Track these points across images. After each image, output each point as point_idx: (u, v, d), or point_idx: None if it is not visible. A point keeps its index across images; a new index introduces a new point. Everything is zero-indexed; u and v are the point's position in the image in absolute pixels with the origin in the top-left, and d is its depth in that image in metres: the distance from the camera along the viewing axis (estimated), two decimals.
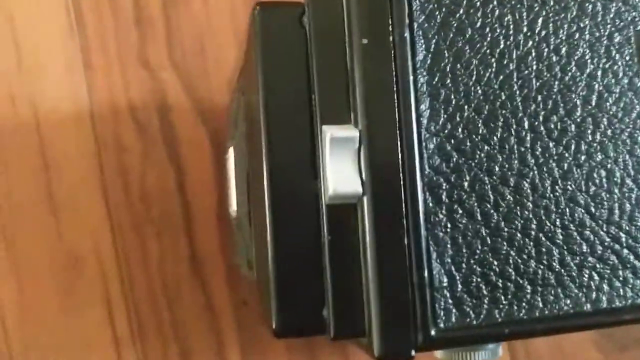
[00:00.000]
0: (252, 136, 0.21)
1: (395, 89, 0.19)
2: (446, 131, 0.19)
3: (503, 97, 0.19)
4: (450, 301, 0.19)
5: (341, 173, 0.18)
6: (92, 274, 0.32)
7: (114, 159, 0.32)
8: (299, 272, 0.19)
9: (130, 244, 0.32)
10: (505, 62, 0.20)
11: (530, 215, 0.19)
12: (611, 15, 0.20)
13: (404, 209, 0.18)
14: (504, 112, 0.19)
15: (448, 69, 0.19)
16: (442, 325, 0.19)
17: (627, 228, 0.20)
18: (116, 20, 0.33)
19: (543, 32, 0.20)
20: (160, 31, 0.33)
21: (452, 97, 0.19)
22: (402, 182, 0.18)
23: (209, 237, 0.32)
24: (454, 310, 0.19)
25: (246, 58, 0.23)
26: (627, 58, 0.20)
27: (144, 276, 0.32)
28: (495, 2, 0.20)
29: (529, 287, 0.19)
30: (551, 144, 0.20)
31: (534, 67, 0.20)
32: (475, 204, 0.19)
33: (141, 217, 0.32)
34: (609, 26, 0.20)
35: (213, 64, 0.33)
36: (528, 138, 0.20)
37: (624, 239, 0.20)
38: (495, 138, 0.19)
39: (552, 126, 0.20)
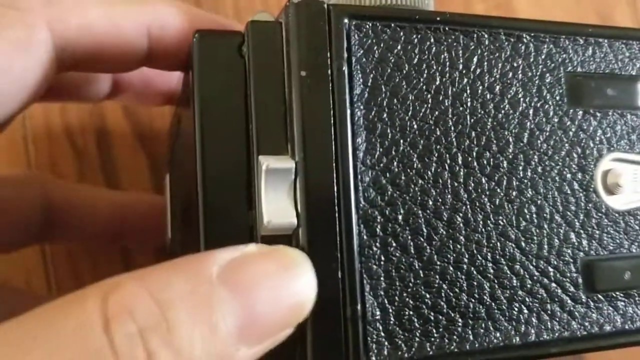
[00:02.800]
0: (187, 164, 0.21)
1: (332, 121, 0.19)
2: (382, 165, 0.19)
3: (438, 133, 0.20)
4: (382, 334, 0.19)
5: (276, 204, 0.18)
6: None
7: None
8: None
9: (64, 272, 0.31)
10: (440, 98, 0.20)
11: (463, 249, 0.20)
12: (543, 56, 0.21)
13: (338, 242, 0.18)
14: (438, 147, 0.20)
15: (385, 104, 0.19)
16: (374, 358, 0.19)
17: (555, 262, 0.21)
18: None
19: (478, 70, 0.20)
20: None
21: (388, 131, 0.19)
22: (337, 215, 0.18)
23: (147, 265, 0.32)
24: (386, 344, 0.19)
25: (184, 85, 0.23)
26: (558, 98, 0.21)
27: None
28: (432, 40, 0.20)
29: (460, 320, 0.19)
30: (484, 180, 0.20)
31: (469, 104, 0.20)
32: (409, 237, 0.19)
33: (76, 245, 0.31)
34: (540, 66, 0.21)
35: None
36: (461, 173, 0.20)
37: (552, 273, 0.21)
38: (429, 172, 0.20)
39: (485, 162, 0.20)
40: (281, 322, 0.17)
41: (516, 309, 0.20)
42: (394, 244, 0.19)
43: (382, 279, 0.19)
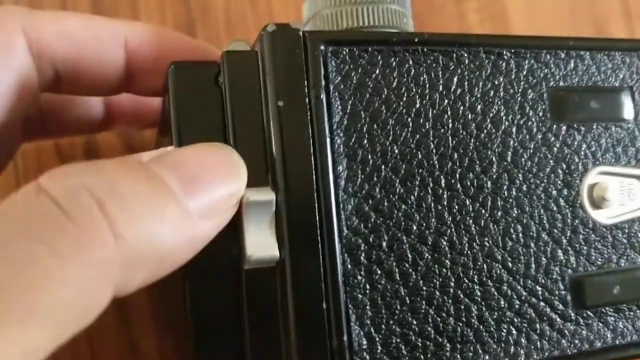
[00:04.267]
0: None
1: (312, 150, 0.18)
2: (364, 192, 0.19)
3: (420, 156, 0.20)
4: None
5: (258, 237, 0.18)
6: None
7: None
8: (218, 337, 0.19)
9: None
10: (421, 121, 0.20)
11: (449, 273, 0.20)
12: (524, 73, 0.21)
13: (322, 272, 0.18)
14: (420, 170, 0.20)
15: (365, 130, 0.19)
16: None
17: (543, 281, 0.20)
18: None
19: (459, 91, 0.20)
20: None
21: (369, 157, 0.19)
22: (320, 245, 0.18)
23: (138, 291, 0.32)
24: None
25: (162, 111, 0.23)
26: (541, 114, 0.21)
27: None
28: (410, 62, 0.20)
29: (448, 345, 0.19)
30: (468, 201, 0.20)
31: (450, 126, 0.20)
32: (394, 263, 0.19)
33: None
34: (522, 83, 0.21)
35: None
36: (445, 196, 0.20)
37: (540, 292, 0.20)
38: (412, 197, 0.19)
39: (469, 183, 0.20)
40: (219, 177, 0.17)
41: (505, 330, 0.20)
42: (379, 272, 0.19)
43: (367, 307, 0.19)
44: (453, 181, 0.20)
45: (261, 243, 0.18)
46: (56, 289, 0.14)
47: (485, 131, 0.20)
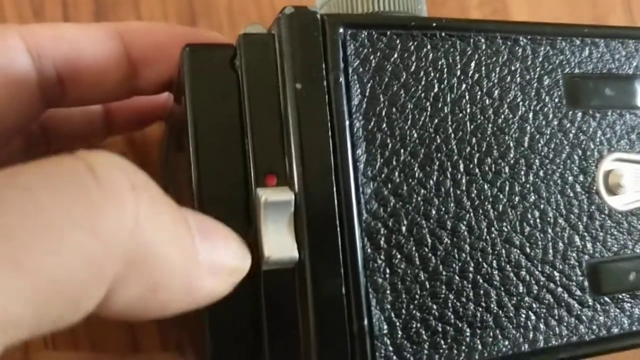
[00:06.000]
0: (181, 178, 0.20)
1: (330, 134, 0.18)
2: (383, 175, 0.19)
3: (438, 141, 0.19)
4: (390, 348, 0.18)
5: (276, 237, 0.18)
6: None
7: None
8: (234, 335, 0.19)
9: None
10: (439, 105, 0.20)
11: (468, 258, 0.19)
12: (540, 59, 0.21)
13: (342, 257, 0.18)
14: (439, 155, 0.19)
15: (384, 113, 0.19)
16: None
17: (561, 267, 0.20)
18: None
19: (476, 76, 0.20)
20: None
21: (388, 141, 0.19)
22: (339, 229, 0.18)
23: None
24: (394, 358, 0.18)
25: (175, 98, 0.23)
26: (557, 100, 0.21)
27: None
28: (429, 46, 0.20)
29: (468, 330, 0.19)
30: (486, 186, 0.20)
31: (468, 110, 0.20)
32: (414, 248, 0.19)
33: None
34: (538, 69, 0.21)
35: None
36: (463, 181, 0.20)
37: (558, 278, 0.20)
38: (431, 181, 0.19)
39: (487, 168, 0.20)
40: (232, 248, 0.17)
41: (524, 316, 0.20)
42: (399, 256, 0.19)
43: (388, 292, 0.19)
44: (471, 166, 0.20)
45: (280, 243, 0.18)
46: (53, 251, 0.13)
47: (502, 116, 0.20)
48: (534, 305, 0.20)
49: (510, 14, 0.36)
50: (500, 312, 0.20)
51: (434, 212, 0.19)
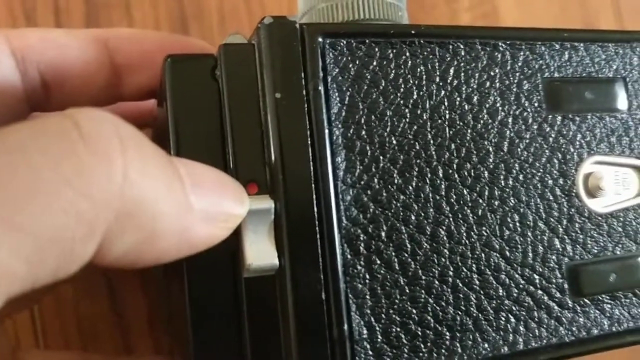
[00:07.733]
0: None
1: (310, 142, 0.19)
2: (362, 182, 0.19)
3: (417, 147, 0.20)
4: (370, 353, 0.19)
5: (258, 245, 0.18)
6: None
7: None
8: (217, 340, 0.19)
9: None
10: (418, 112, 0.20)
11: (447, 262, 0.20)
12: (520, 64, 0.21)
13: (322, 264, 0.18)
14: (418, 161, 0.20)
15: (363, 121, 0.19)
16: None
17: (540, 269, 0.21)
18: None
19: (455, 82, 0.20)
20: None
21: (368, 148, 0.19)
22: (319, 237, 0.18)
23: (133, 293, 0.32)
24: None
25: (159, 105, 0.23)
26: (536, 104, 0.21)
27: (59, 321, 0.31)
28: (407, 54, 0.20)
29: (447, 333, 0.20)
30: (465, 191, 0.20)
31: (447, 116, 0.20)
32: (393, 253, 0.19)
33: None
34: (517, 74, 0.21)
35: None
36: (443, 186, 0.20)
37: (537, 281, 0.21)
38: (410, 187, 0.20)
39: (466, 173, 0.20)
40: (228, 196, 0.17)
41: (503, 319, 0.20)
42: (378, 261, 0.19)
43: (367, 297, 0.19)
44: (450, 171, 0.20)
45: (260, 251, 0.18)
46: (44, 210, 0.13)
47: (481, 122, 0.20)
48: (513, 308, 0.20)
49: (500, 17, 0.36)
50: (480, 315, 0.20)
51: (413, 217, 0.19)
